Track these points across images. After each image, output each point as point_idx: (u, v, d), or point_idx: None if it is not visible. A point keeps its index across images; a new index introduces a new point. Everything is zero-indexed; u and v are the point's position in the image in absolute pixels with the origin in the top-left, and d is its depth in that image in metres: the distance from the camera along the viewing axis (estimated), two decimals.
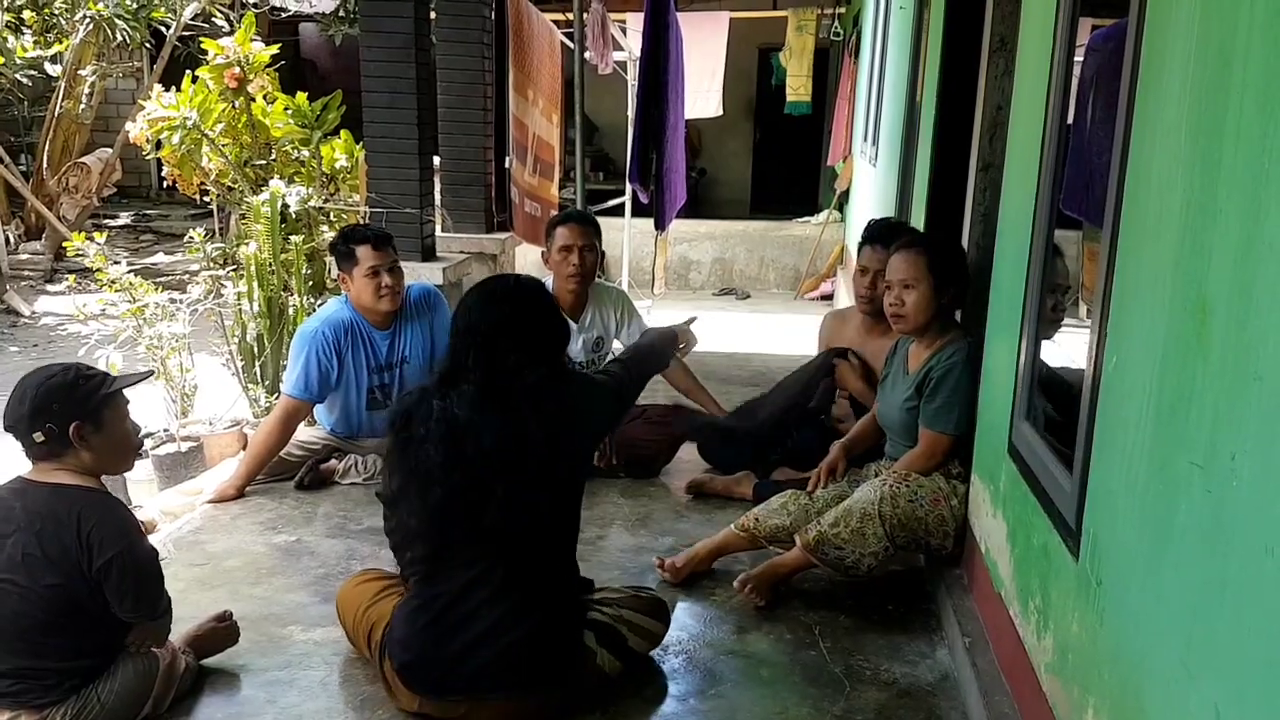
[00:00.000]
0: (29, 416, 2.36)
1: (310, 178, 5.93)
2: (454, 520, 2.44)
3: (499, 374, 2.46)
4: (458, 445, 2.40)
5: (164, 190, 13.37)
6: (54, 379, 2.40)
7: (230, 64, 5.88)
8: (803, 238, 10.56)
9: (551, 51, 7.16)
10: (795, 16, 10.88)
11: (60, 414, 2.37)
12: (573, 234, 4.15)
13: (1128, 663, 1.70)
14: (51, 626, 2.35)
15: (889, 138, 6.85)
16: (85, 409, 2.40)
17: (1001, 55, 3.71)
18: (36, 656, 2.35)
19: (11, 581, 2.32)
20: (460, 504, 2.42)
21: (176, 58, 10.19)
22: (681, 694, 2.69)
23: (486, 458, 2.40)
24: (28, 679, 2.34)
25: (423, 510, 2.44)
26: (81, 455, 2.41)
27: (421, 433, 2.42)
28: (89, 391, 2.42)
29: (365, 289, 3.92)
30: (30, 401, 2.37)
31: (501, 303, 2.54)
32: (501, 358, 2.46)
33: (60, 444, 2.39)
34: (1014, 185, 2.85)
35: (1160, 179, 1.69)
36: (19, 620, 2.33)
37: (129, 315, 4.95)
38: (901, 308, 3.21)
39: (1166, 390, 1.59)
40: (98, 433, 2.42)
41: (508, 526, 2.44)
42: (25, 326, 8.61)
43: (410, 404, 2.50)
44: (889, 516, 3.01)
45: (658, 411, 4.38)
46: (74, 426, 2.38)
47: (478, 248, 6.10)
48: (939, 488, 3.10)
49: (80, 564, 2.33)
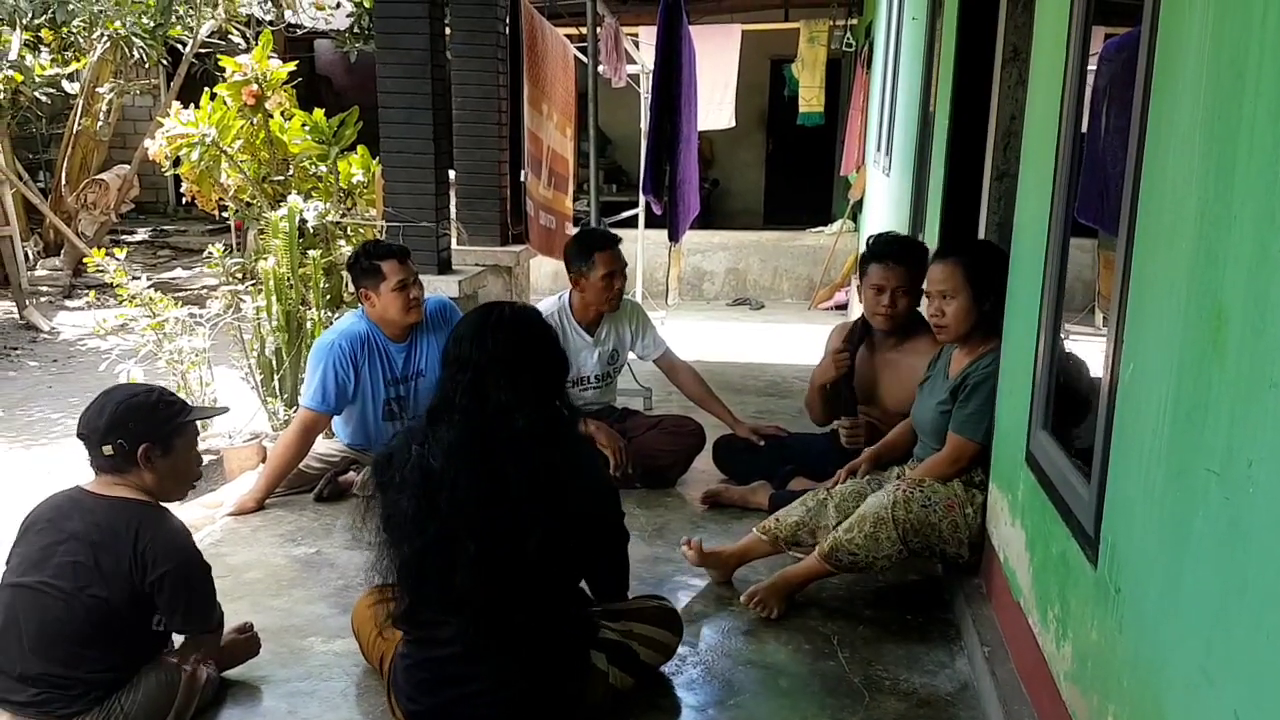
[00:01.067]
0: (104, 429, 2.44)
1: (327, 193, 5.97)
2: (427, 577, 2.31)
3: (486, 414, 2.30)
4: (431, 497, 2.24)
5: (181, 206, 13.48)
6: (136, 398, 2.50)
7: (248, 81, 5.93)
8: (816, 248, 10.56)
9: (565, 66, 7.20)
10: (807, 28, 10.90)
11: (133, 433, 2.44)
12: (618, 260, 4.22)
13: (1147, 670, 1.70)
14: (88, 637, 2.38)
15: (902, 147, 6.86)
16: (158, 432, 2.48)
17: (1015, 65, 3.72)
18: (68, 665, 2.38)
19: (58, 588, 2.36)
20: (434, 560, 2.27)
21: (193, 75, 10.27)
22: (700, 704, 2.70)
23: (458, 510, 2.24)
24: (56, 687, 2.37)
25: (397, 564, 2.34)
26: (144, 476, 2.48)
27: (397, 480, 2.29)
28: (166, 417, 2.51)
29: (394, 303, 3.94)
30: (108, 415, 2.44)
31: (495, 332, 2.38)
32: (492, 395, 2.31)
33: (126, 461, 2.45)
34: (1029, 194, 2.85)
35: (1174, 187, 1.70)
36: (58, 627, 2.37)
37: (149, 330, 4.99)
38: (942, 318, 3.25)
39: (1183, 398, 1.60)
40: (164, 457, 2.49)
41: (481, 588, 2.28)
42: (45, 342, 8.68)
43: (394, 447, 2.38)
44: (901, 520, 3.02)
45: (673, 421, 4.39)
46: (144, 447, 2.45)
47: (493, 260, 6.13)
48: (955, 494, 3.11)
49: (133, 578, 2.38)
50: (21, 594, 2.40)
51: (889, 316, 3.80)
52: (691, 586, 3.39)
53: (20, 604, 2.39)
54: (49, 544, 2.40)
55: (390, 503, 2.31)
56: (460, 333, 2.41)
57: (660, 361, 4.48)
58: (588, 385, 4.35)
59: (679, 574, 3.46)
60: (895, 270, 3.76)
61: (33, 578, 2.39)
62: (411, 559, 2.29)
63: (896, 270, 3.76)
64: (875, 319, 3.86)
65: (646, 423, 4.41)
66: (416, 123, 5.06)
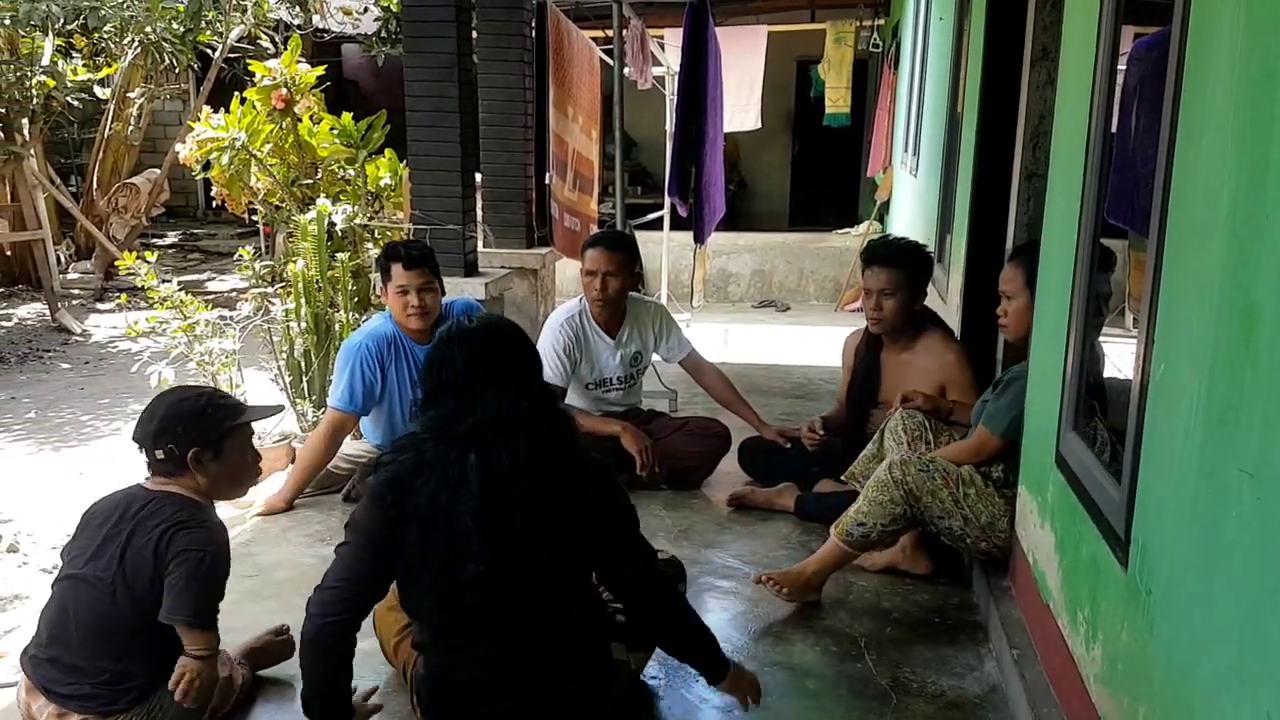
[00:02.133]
0: (154, 434, 2.46)
1: (355, 196, 6.00)
2: (454, 612, 2.23)
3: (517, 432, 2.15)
4: (500, 510, 2.11)
5: (211, 210, 13.62)
6: (185, 402, 2.51)
7: (277, 85, 5.97)
8: (842, 249, 10.53)
9: (591, 68, 7.22)
10: (834, 29, 10.88)
11: (183, 437, 2.45)
12: (596, 259, 4.20)
13: (1178, 672, 1.69)
14: (137, 631, 2.40)
15: (930, 148, 6.83)
16: (208, 436, 2.48)
17: (1043, 65, 3.70)
18: (116, 659, 2.40)
19: (107, 580, 2.39)
20: (464, 598, 2.17)
21: (222, 79, 10.37)
22: (725, 706, 2.69)
23: (535, 524, 2.15)
24: (103, 682, 2.38)
25: (418, 602, 2.26)
26: (197, 479, 2.49)
27: (418, 514, 2.11)
28: (216, 420, 2.50)
29: (394, 305, 4.01)
30: (158, 420, 2.47)
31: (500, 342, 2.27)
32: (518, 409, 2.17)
33: (177, 465, 2.47)
34: (1058, 194, 2.84)
35: (1206, 186, 1.69)
36: (107, 620, 2.39)
37: (180, 332, 5.03)
38: (1004, 318, 3.32)
39: (1215, 398, 1.58)
40: (215, 460, 2.50)
41: (502, 615, 2.21)
42: (76, 344, 8.78)
43: (403, 468, 2.15)
44: (899, 481, 3.13)
45: (699, 423, 4.39)
46: (193, 451, 2.46)
47: (519, 263, 6.16)
48: (949, 470, 3.16)
49: (162, 565, 2.39)
50: (75, 586, 2.43)
51: (876, 320, 3.84)
52: (718, 589, 3.39)
53: (74, 596, 2.43)
54: (103, 537, 2.44)
55: (402, 537, 2.14)
56: (483, 344, 2.23)
57: (685, 363, 4.48)
58: (611, 387, 4.36)
59: (704, 575, 3.46)
60: (880, 273, 3.78)
61: (86, 570, 2.42)
62: (437, 598, 2.22)
63: (881, 273, 3.78)
64: (868, 322, 3.90)
65: (672, 424, 4.41)
66: (443, 126, 5.09)
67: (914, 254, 3.85)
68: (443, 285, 4.13)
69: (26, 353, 8.41)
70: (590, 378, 4.31)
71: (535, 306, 6.27)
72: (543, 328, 4.42)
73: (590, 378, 4.31)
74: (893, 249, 3.88)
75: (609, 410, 4.35)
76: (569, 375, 4.22)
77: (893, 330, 3.84)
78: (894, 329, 3.83)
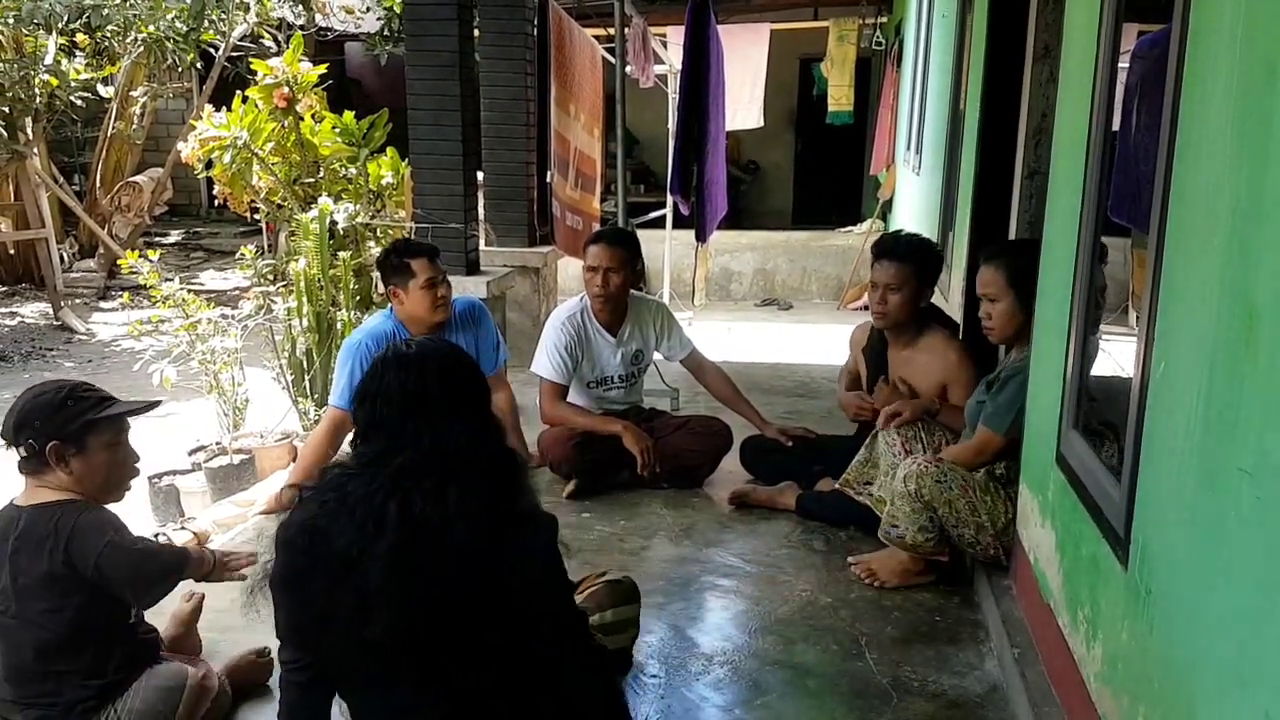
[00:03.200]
0: (13, 430, 2.35)
1: (357, 194, 6.02)
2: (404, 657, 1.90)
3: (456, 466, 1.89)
4: (416, 567, 1.82)
5: (214, 208, 13.62)
6: (43, 396, 2.36)
7: (279, 84, 5.99)
8: (845, 248, 10.51)
9: (593, 66, 7.22)
10: (836, 27, 10.87)
11: (40, 431, 2.32)
12: (598, 255, 4.19)
13: (1178, 671, 1.68)
14: (61, 650, 2.32)
15: (932, 146, 6.83)
16: (65, 430, 2.33)
17: (1045, 62, 3.70)
18: (45, 682, 2.33)
19: (12, 612, 2.30)
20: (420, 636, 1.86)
21: (225, 78, 10.36)
22: (726, 704, 2.69)
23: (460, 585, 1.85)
24: (45, 706, 2.32)
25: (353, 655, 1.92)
26: (60, 475, 2.36)
27: (354, 554, 1.82)
28: (75, 414, 2.35)
29: (422, 301, 3.96)
30: (16, 414, 2.35)
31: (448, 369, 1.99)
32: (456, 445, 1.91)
33: (38, 461, 2.35)
34: (1059, 191, 2.83)
35: (1206, 184, 1.68)
36: (23, 651, 2.31)
37: (182, 331, 5.04)
38: (989, 320, 3.31)
39: (1215, 396, 1.58)
40: (78, 456, 2.36)
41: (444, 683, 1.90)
42: (80, 343, 8.80)
43: (318, 514, 1.88)
44: (915, 493, 3.16)
45: (701, 422, 4.38)
46: (51, 446, 2.33)
47: (521, 261, 6.16)
48: (968, 477, 3.18)
49: (70, 577, 2.30)
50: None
51: (880, 314, 3.81)
52: (719, 588, 3.39)
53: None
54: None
55: (319, 588, 1.87)
56: (416, 372, 1.95)
57: (687, 362, 4.47)
58: (612, 385, 4.36)
59: (705, 574, 3.46)
60: (889, 267, 3.75)
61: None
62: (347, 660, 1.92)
63: (890, 268, 3.75)
64: (872, 316, 3.88)
65: (674, 423, 4.41)
66: (445, 124, 5.10)
67: (924, 251, 3.82)
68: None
69: (30, 351, 8.43)
70: (591, 376, 4.31)
71: (537, 305, 6.28)
72: (544, 326, 4.42)
73: (591, 376, 4.31)
74: (904, 244, 3.85)
75: (610, 409, 4.35)
76: (570, 373, 4.22)
77: (896, 325, 3.82)
78: (897, 324, 3.82)
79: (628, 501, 4.08)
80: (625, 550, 3.65)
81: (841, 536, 3.69)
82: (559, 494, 4.12)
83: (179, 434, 5.23)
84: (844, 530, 3.74)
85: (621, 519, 3.92)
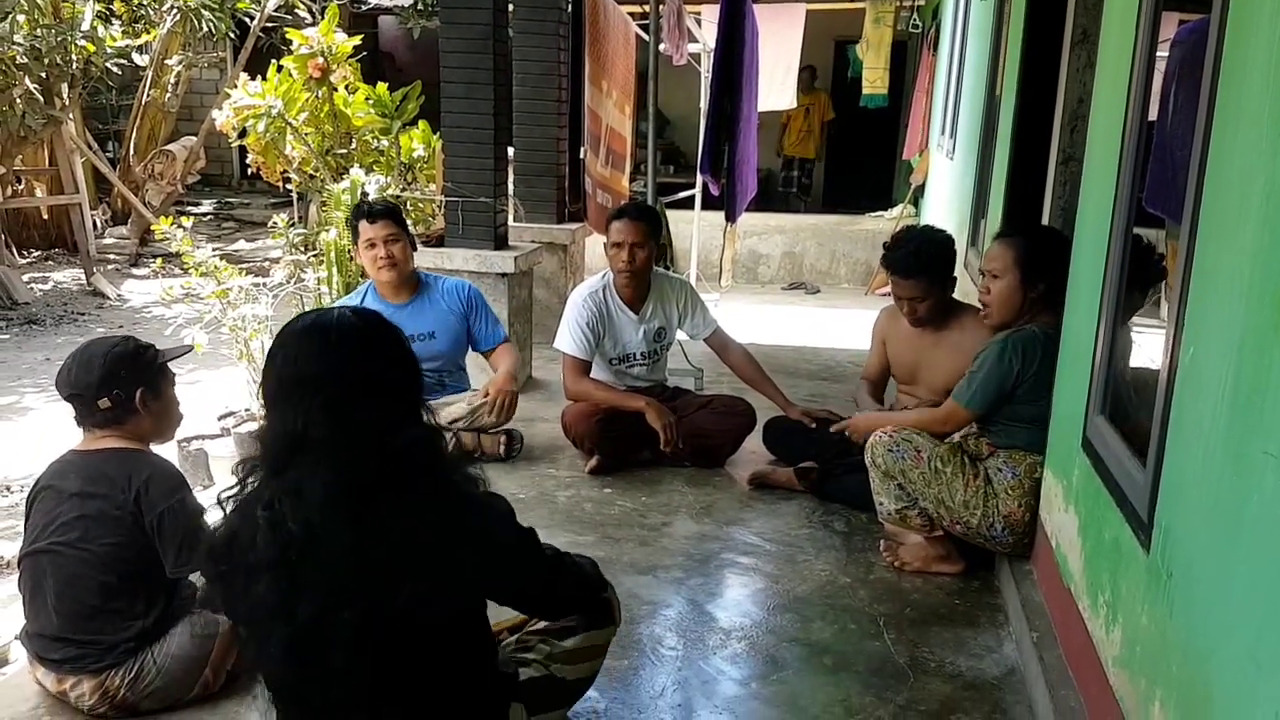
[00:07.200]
0: (98, 384, 2.47)
1: (389, 167, 6.05)
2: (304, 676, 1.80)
3: (354, 441, 1.71)
4: (292, 572, 1.70)
5: (246, 179, 13.71)
6: (119, 348, 2.53)
7: (314, 54, 6.02)
8: (875, 232, 10.43)
9: (626, 43, 7.20)
10: (873, 9, 10.76)
11: (128, 380, 2.50)
12: (623, 230, 4.20)
13: (1197, 655, 1.69)
14: (109, 588, 2.44)
15: (967, 131, 6.78)
16: (147, 377, 2.54)
17: (1083, 48, 3.67)
18: (93, 619, 2.44)
19: (69, 545, 2.42)
20: (308, 651, 1.74)
21: (259, 48, 10.43)
22: (743, 678, 2.72)
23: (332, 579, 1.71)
24: (87, 644, 2.42)
25: (264, 667, 1.85)
26: (142, 422, 2.54)
27: (247, 563, 1.73)
28: (149, 361, 2.56)
29: (365, 260, 4.23)
30: (100, 369, 2.47)
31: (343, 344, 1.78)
32: (357, 418, 1.72)
33: (125, 410, 2.51)
34: (1094, 179, 2.82)
35: (1241, 170, 1.67)
36: (77, 583, 2.42)
37: (213, 298, 5.09)
38: (987, 296, 3.26)
39: (1243, 381, 1.58)
40: (157, 400, 2.56)
41: (368, 674, 1.77)
42: (111, 309, 8.89)
43: (233, 526, 1.78)
44: (873, 463, 3.26)
45: (724, 401, 4.39)
46: (140, 392, 2.51)
47: (549, 238, 6.17)
48: (923, 447, 3.20)
49: (139, 521, 2.43)
50: (40, 560, 2.47)
51: (914, 321, 3.80)
52: (738, 565, 3.41)
53: (41, 569, 2.46)
54: (53, 508, 2.47)
55: (238, 595, 1.77)
56: (294, 350, 1.77)
57: (711, 340, 4.47)
58: (634, 362, 4.37)
59: (725, 551, 3.48)
60: (904, 284, 3.71)
61: (45, 542, 2.45)
62: (280, 655, 1.77)
63: (905, 284, 3.70)
64: (908, 321, 3.83)
65: (697, 402, 4.42)
66: (477, 98, 5.10)
67: (931, 259, 3.68)
68: (414, 242, 4.36)
69: (62, 315, 8.53)
70: (614, 352, 4.33)
71: (564, 282, 6.29)
72: (566, 302, 4.44)
73: (614, 352, 4.33)
74: (911, 262, 3.68)
75: (633, 386, 4.36)
76: (592, 349, 4.24)
77: (929, 321, 3.80)
78: (930, 320, 3.79)
79: (649, 478, 4.11)
80: (646, 526, 3.67)
81: (862, 519, 3.69)
82: (581, 469, 4.15)
83: (209, 400, 5.29)
84: (864, 513, 3.74)
85: (643, 495, 3.95)
